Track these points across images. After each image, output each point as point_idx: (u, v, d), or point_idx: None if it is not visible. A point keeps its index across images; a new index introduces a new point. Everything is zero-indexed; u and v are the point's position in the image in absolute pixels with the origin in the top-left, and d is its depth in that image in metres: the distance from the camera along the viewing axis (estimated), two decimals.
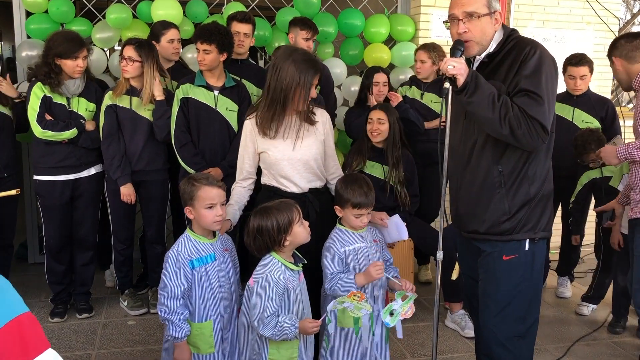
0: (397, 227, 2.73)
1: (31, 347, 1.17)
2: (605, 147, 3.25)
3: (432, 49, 4.20)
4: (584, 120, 4.12)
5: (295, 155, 2.70)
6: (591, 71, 4.13)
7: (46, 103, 3.44)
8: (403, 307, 2.45)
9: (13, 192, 3.10)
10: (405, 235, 2.76)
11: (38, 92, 3.42)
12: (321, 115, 2.80)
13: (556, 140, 4.06)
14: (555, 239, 4.53)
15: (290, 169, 2.71)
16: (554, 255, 4.58)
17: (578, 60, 4.09)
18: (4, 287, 1.20)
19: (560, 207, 4.37)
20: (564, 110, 4.15)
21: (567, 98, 4.19)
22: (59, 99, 3.49)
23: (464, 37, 2.27)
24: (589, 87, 4.21)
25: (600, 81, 5.27)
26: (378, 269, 2.50)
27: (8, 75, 3.74)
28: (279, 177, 2.73)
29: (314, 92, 2.65)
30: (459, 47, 2.26)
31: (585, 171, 3.93)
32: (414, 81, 4.35)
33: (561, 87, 4.19)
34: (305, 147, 2.71)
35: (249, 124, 2.74)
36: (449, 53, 2.31)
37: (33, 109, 3.41)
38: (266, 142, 2.70)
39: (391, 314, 2.43)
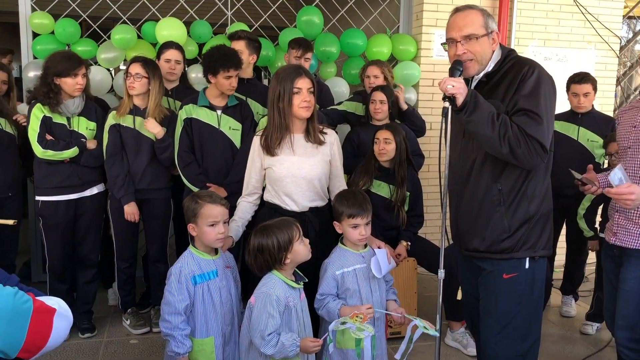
0: (374, 263, 2.71)
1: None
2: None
3: (382, 64, 4.27)
4: (589, 139, 4.12)
5: (299, 173, 2.73)
6: (594, 89, 4.14)
7: (46, 123, 3.47)
8: (422, 321, 2.42)
9: (10, 222, 3.13)
10: (379, 274, 2.73)
11: (37, 113, 3.46)
12: (330, 136, 2.84)
13: (561, 158, 4.09)
14: (560, 258, 4.52)
15: (293, 187, 2.73)
16: (558, 274, 4.56)
17: (581, 77, 4.12)
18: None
19: (564, 226, 4.36)
20: (569, 129, 4.16)
21: (572, 117, 4.20)
22: (59, 119, 3.52)
23: (463, 57, 2.31)
24: (593, 106, 4.23)
25: (603, 99, 5.29)
26: (370, 312, 2.46)
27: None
28: (282, 194, 2.76)
29: (306, 96, 2.65)
30: (457, 67, 2.29)
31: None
32: (366, 98, 4.27)
33: (565, 106, 4.22)
34: (311, 166, 2.74)
35: (257, 140, 2.79)
36: (447, 73, 2.34)
37: (33, 130, 3.44)
38: (272, 158, 2.74)
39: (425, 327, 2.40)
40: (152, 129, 3.53)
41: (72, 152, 3.49)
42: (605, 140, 3.88)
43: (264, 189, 2.88)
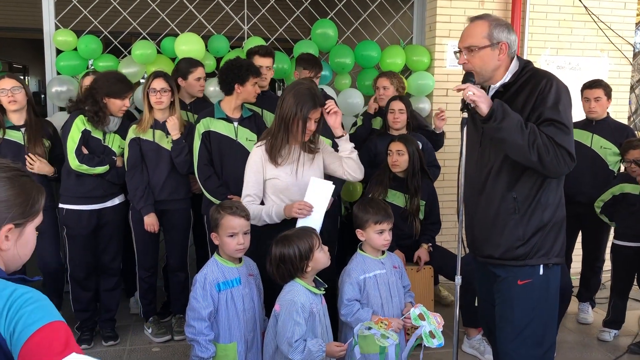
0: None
1: (58, 350, 1.27)
2: None
3: (392, 75, 4.32)
4: (603, 146, 4.15)
5: (304, 180, 2.85)
6: (607, 95, 4.17)
7: (85, 136, 3.59)
8: (432, 322, 2.49)
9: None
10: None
11: (80, 125, 3.57)
12: (319, 143, 2.98)
13: (575, 165, 4.11)
14: (576, 265, 4.54)
15: (299, 194, 2.84)
16: (574, 281, 4.56)
17: (592, 83, 4.19)
18: (44, 298, 1.33)
19: (580, 234, 4.38)
20: (582, 136, 4.19)
21: (586, 124, 4.23)
22: (96, 133, 3.63)
23: (464, 68, 2.41)
24: (608, 113, 4.25)
25: (617, 107, 5.30)
26: (400, 326, 2.58)
27: (35, 156, 3.62)
28: (288, 202, 2.85)
29: (312, 126, 2.79)
30: (470, 78, 2.37)
31: (620, 183, 3.91)
32: (373, 112, 4.39)
33: (580, 114, 4.25)
34: (314, 172, 2.88)
35: (260, 151, 2.87)
36: (460, 83, 2.42)
37: (73, 141, 3.54)
38: (276, 169, 2.84)
39: (432, 335, 2.47)
40: (172, 129, 3.63)
41: (104, 169, 3.61)
42: (624, 147, 3.90)
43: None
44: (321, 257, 2.46)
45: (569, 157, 2.27)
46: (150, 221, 3.70)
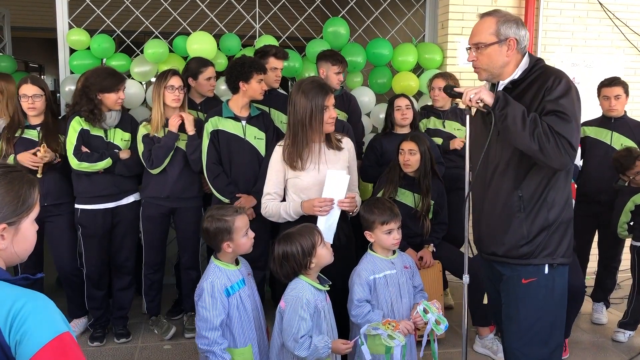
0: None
1: None
2: None
3: (448, 77, 4.27)
4: (623, 143, 4.08)
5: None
6: (626, 92, 4.12)
7: (84, 136, 3.59)
8: (434, 311, 2.56)
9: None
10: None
11: (76, 126, 3.58)
12: (346, 143, 2.95)
13: (595, 163, 4.05)
14: (592, 264, 4.48)
15: (318, 193, 2.81)
16: (589, 281, 4.51)
17: (611, 81, 4.13)
18: (50, 306, 1.31)
19: (597, 233, 4.32)
20: (602, 134, 4.14)
21: (604, 122, 4.18)
22: (96, 132, 3.63)
23: (473, 64, 2.42)
24: (625, 112, 4.20)
25: (632, 104, 5.22)
26: (409, 330, 2.58)
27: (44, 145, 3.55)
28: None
29: (333, 112, 2.78)
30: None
31: (628, 197, 3.82)
32: (430, 111, 4.41)
33: (595, 113, 4.19)
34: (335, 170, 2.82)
35: (281, 150, 2.87)
36: (473, 82, 2.40)
37: (70, 142, 3.56)
38: (297, 169, 2.83)
39: (438, 322, 2.56)
40: (188, 126, 3.62)
41: (106, 163, 3.60)
42: (626, 162, 3.79)
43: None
44: (324, 253, 2.44)
45: (570, 146, 2.22)
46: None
